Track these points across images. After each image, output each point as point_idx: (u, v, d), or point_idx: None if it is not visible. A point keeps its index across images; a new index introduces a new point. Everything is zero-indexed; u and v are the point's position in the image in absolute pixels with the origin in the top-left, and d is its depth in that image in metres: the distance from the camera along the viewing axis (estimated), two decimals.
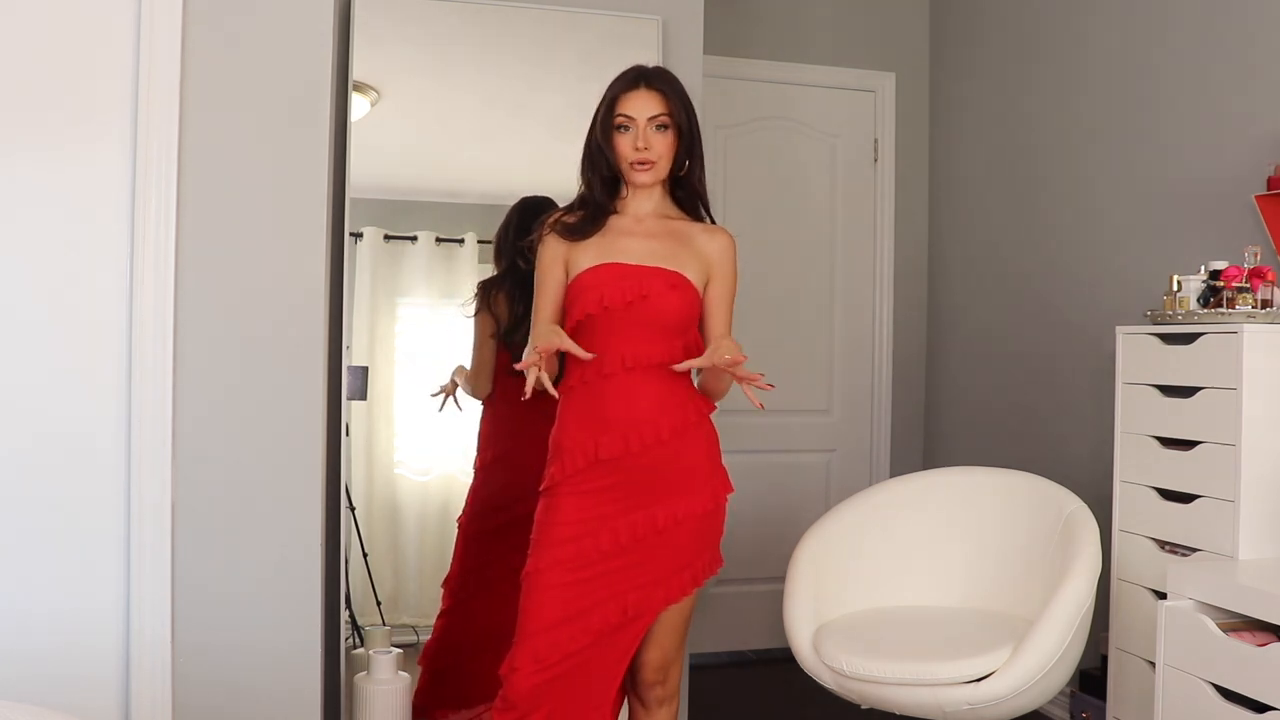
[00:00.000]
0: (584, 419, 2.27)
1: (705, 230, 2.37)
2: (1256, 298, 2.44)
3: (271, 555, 2.48)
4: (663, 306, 2.25)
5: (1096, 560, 2.58)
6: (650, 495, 2.25)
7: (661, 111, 2.28)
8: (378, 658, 2.95)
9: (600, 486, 2.25)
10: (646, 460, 2.24)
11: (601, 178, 2.35)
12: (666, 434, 2.24)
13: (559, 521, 2.25)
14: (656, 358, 2.25)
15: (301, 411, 2.51)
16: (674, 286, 2.26)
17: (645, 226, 2.34)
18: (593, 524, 2.24)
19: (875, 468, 4.33)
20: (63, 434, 2.34)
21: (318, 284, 2.52)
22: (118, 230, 2.36)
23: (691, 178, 2.37)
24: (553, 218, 2.37)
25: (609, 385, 2.25)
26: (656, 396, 2.25)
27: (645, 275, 2.25)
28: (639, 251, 2.29)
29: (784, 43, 4.22)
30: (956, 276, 4.18)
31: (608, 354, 2.24)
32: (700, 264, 2.32)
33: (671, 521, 2.24)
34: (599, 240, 2.32)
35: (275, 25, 2.47)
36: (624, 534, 2.23)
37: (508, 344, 2.92)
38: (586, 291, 2.26)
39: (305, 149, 2.50)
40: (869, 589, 2.93)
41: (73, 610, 2.35)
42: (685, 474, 2.27)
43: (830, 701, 2.84)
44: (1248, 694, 2.05)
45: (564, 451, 2.27)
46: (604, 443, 2.23)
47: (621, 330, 2.24)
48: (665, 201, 2.38)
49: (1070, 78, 3.52)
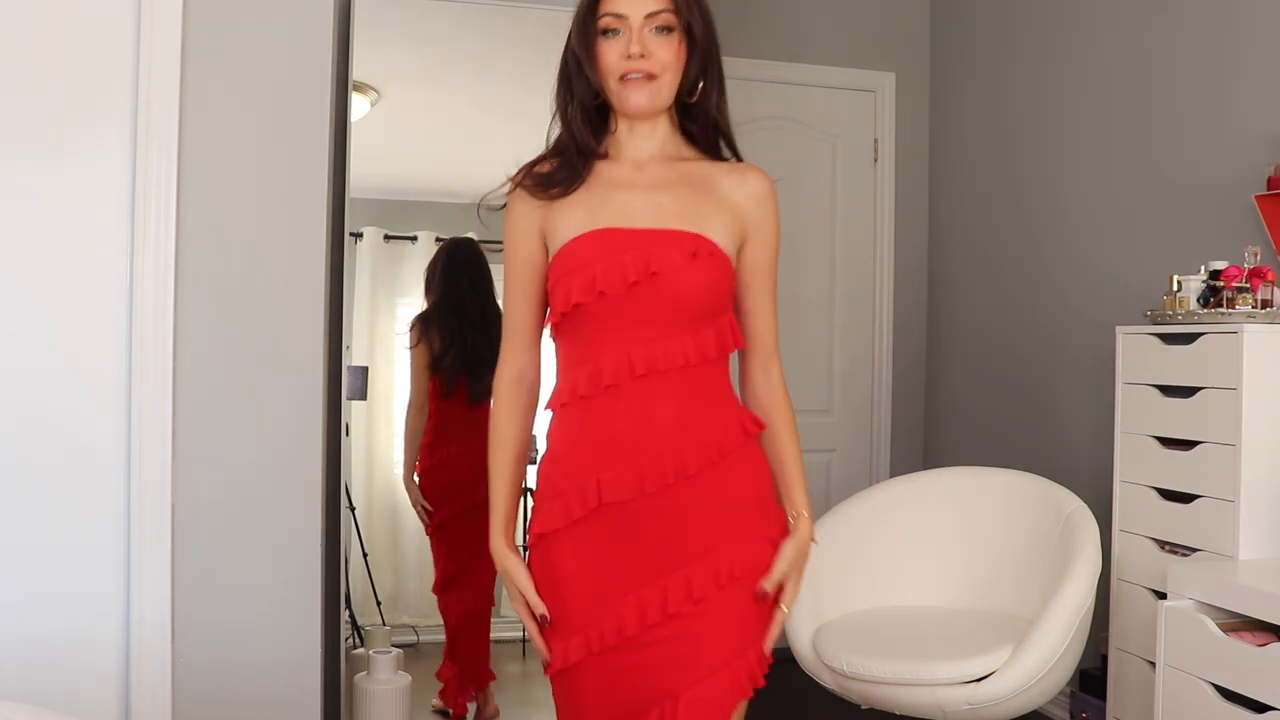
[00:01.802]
0: (581, 447, 1.66)
1: (732, 171, 1.74)
2: (1256, 298, 2.44)
3: (271, 555, 2.47)
4: (682, 285, 1.62)
5: (1096, 560, 2.58)
6: (680, 550, 1.63)
7: (663, 8, 1.65)
8: (378, 658, 2.96)
9: (609, 539, 1.64)
10: (669, 501, 1.62)
11: (583, 109, 1.71)
12: (695, 464, 1.62)
13: (564, 592, 1.67)
14: (677, 358, 1.63)
15: (301, 411, 2.51)
16: (696, 255, 1.63)
17: (649, 174, 1.71)
18: (608, 595, 1.64)
19: (875, 468, 4.34)
20: (63, 433, 2.34)
21: (318, 284, 2.52)
22: (118, 230, 2.36)
23: (707, 104, 1.74)
24: (519, 171, 1.76)
25: (613, 400, 1.63)
26: (679, 412, 1.63)
27: (655, 243, 1.63)
28: (643, 209, 1.68)
29: (784, 43, 4.22)
30: (956, 276, 4.17)
31: (608, 357, 1.63)
32: (730, 218, 1.70)
33: (713, 585, 1.62)
34: (585, 197, 1.69)
35: (275, 25, 2.47)
36: (652, 608, 1.61)
37: (438, 370, 3.21)
38: (574, 272, 1.63)
39: (305, 149, 2.50)
40: (869, 589, 2.93)
41: (73, 609, 2.34)
42: (726, 517, 1.65)
43: (830, 701, 2.84)
44: (1248, 694, 2.05)
45: (557, 493, 1.67)
46: (609, 480, 1.62)
47: (626, 322, 1.63)
48: (674, 138, 1.75)
49: (1070, 78, 3.52)
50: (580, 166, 1.71)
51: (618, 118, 1.72)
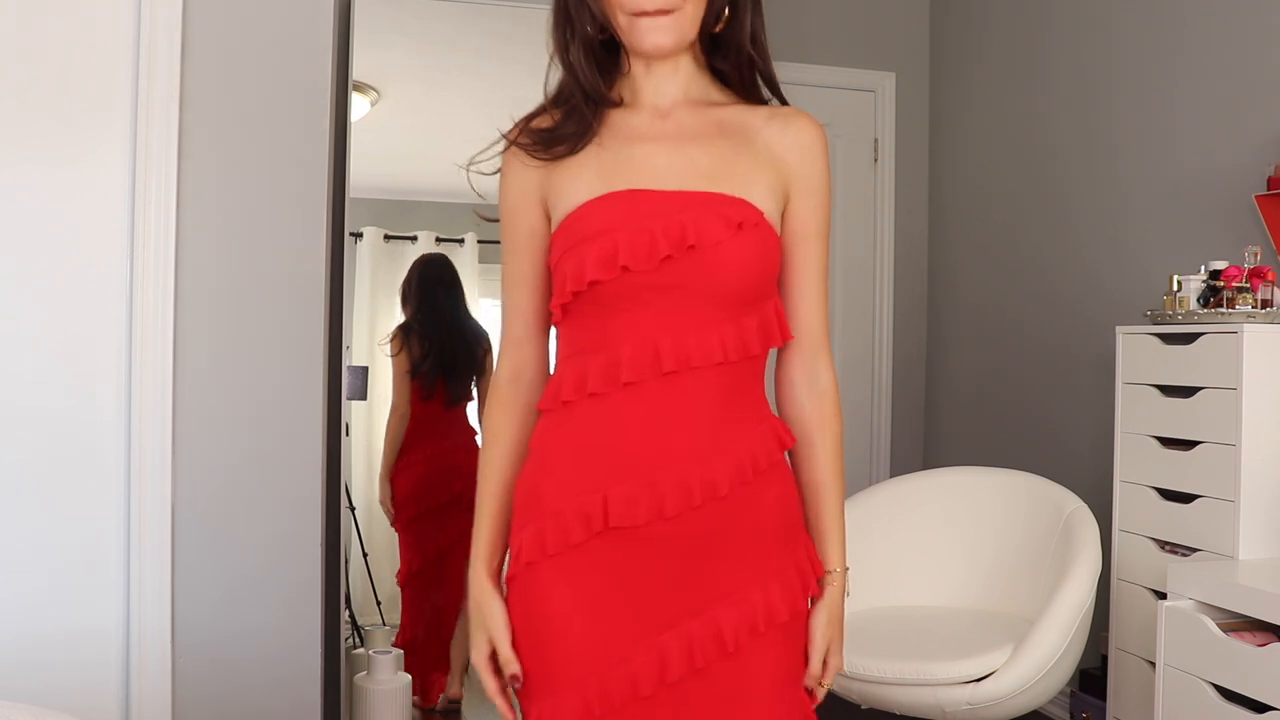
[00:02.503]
0: (584, 456, 1.34)
1: (774, 117, 1.42)
2: (1256, 298, 2.44)
3: (271, 555, 2.47)
4: (726, 262, 1.31)
5: (1096, 560, 2.58)
6: (705, 588, 1.33)
7: None
8: (378, 658, 2.96)
9: (613, 573, 1.33)
10: (692, 528, 1.32)
11: (586, 46, 1.40)
12: (727, 483, 1.32)
13: (551, 640, 1.33)
14: (716, 352, 1.32)
15: (301, 411, 2.51)
16: (739, 223, 1.32)
17: (675, 123, 1.40)
18: (612, 643, 1.32)
19: (875, 468, 4.33)
20: (63, 434, 2.34)
21: (318, 284, 2.52)
22: (118, 230, 2.36)
23: (739, 34, 1.42)
24: (514, 126, 1.44)
25: (632, 401, 1.32)
26: (713, 417, 1.33)
27: (689, 207, 1.32)
28: (670, 167, 1.37)
29: (784, 43, 4.21)
30: (956, 277, 4.17)
31: (629, 347, 1.31)
32: (773, 176, 1.38)
33: (747, 631, 1.32)
34: (596, 154, 1.38)
35: (275, 25, 2.47)
36: (675, 660, 1.30)
37: (417, 375, 3.33)
38: (587, 242, 1.32)
39: (305, 149, 2.50)
40: (869, 589, 2.93)
41: (73, 609, 2.34)
42: (757, 547, 1.35)
43: (830, 701, 2.84)
44: (1248, 694, 2.05)
45: (547, 513, 1.34)
46: (619, 499, 1.31)
47: (653, 306, 1.32)
48: (701, 78, 1.44)
49: (1070, 78, 3.52)
50: (590, 116, 1.39)
51: (631, 56, 1.41)
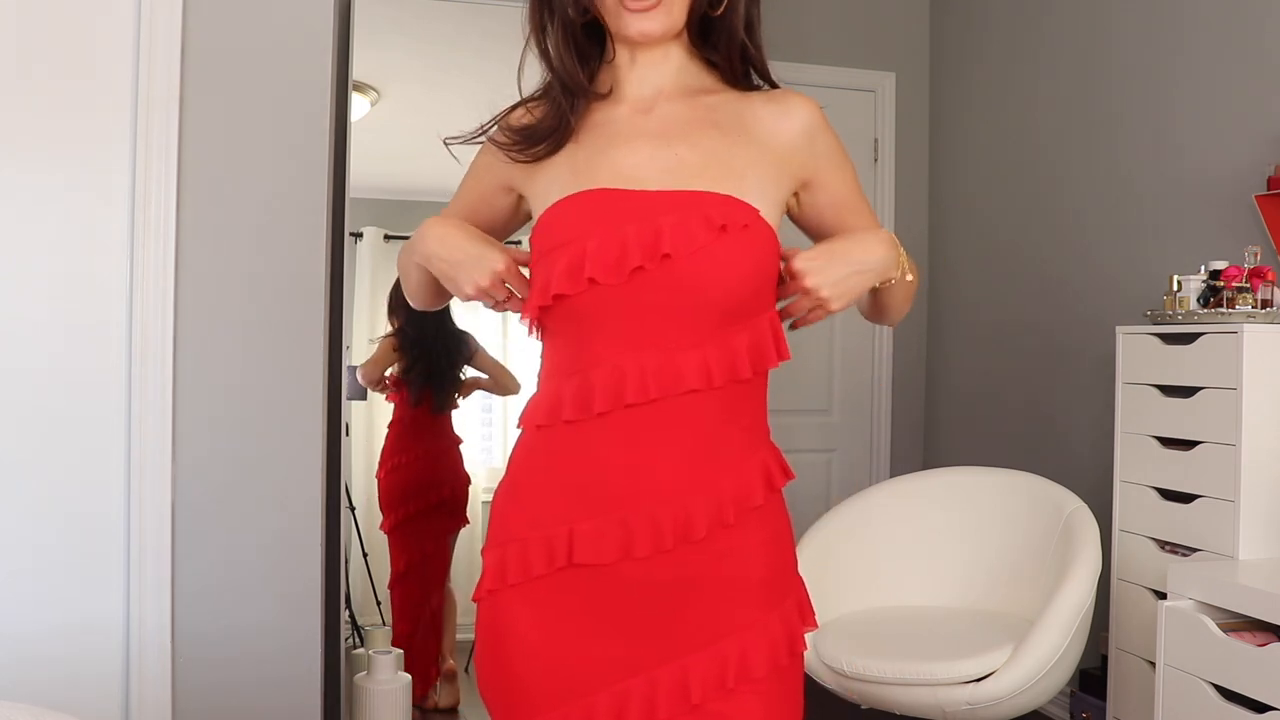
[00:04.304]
0: (552, 484, 1.25)
1: (770, 101, 1.33)
2: (1256, 298, 2.44)
3: (271, 555, 2.47)
4: (706, 271, 1.19)
5: (1096, 560, 2.59)
6: (675, 636, 1.23)
7: None
8: (378, 658, 2.96)
9: (578, 613, 1.24)
10: (663, 572, 1.22)
11: (567, 29, 1.31)
12: (704, 524, 1.21)
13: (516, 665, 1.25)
14: (696, 377, 1.21)
15: (301, 411, 2.51)
16: (726, 227, 1.20)
17: (659, 116, 1.30)
18: (574, 687, 1.23)
19: (875, 468, 4.33)
20: (63, 433, 2.34)
21: (318, 284, 2.52)
22: (118, 230, 2.36)
23: (732, 17, 1.33)
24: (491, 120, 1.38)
25: (607, 429, 1.22)
26: (691, 451, 1.22)
27: (668, 210, 1.21)
28: (652, 164, 1.26)
29: (784, 43, 4.22)
30: (956, 277, 4.17)
31: (600, 372, 1.21)
32: (774, 167, 1.29)
33: (717, 687, 1.21)
34: (571, 150, 1.30)
35: (275, 25, 2.47)
36: (634, 711, 1.21)
37: (405, 381, 3.40)
38: (554, 251, 1.22)
39: (305, 149, 2.50)
40: (869, 589, 2.93)
41: (73, 609, 2.34)
42: (738, 596, 1.24)
43: (830, 701, 2.84)
44: (1248, 694, 2.05)
45: (513, 538, 1.26)
46: (585, 535, 1.22)
47: (626, 323, 1.21)
48: (691, 66, 1.34)
49: (1069, 78, 3.52)
50: (569, 110, 1.30)
51: (616, 42, 1.31)
